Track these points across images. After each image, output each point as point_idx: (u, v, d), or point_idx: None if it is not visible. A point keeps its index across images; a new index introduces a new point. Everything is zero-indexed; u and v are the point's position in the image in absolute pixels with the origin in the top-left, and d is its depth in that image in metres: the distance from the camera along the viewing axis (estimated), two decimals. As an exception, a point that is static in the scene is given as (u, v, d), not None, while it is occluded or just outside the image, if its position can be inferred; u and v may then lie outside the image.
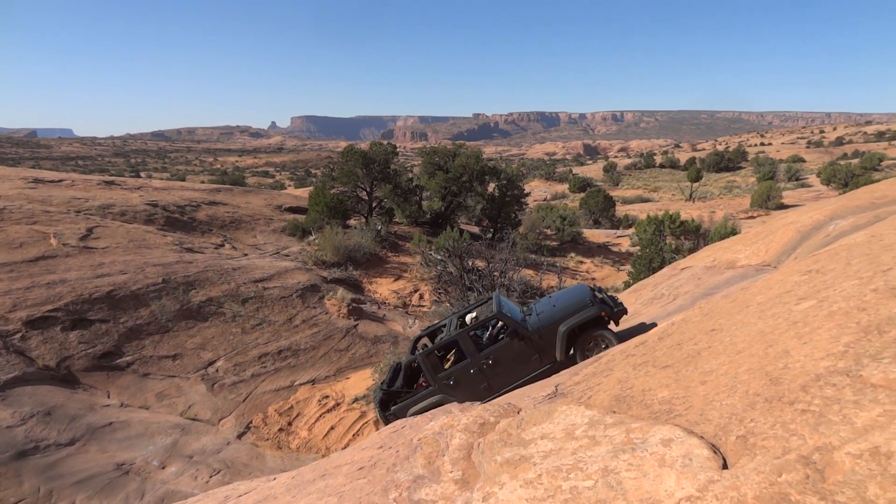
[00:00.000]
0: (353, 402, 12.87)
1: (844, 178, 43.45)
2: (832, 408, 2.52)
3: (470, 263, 20.35)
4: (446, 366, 8.62)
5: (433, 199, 30.99)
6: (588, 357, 7.96)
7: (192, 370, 13.15)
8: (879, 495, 1.94)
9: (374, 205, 28.40)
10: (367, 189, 28.14)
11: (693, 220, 24.76)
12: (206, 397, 12.41)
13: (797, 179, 53.72)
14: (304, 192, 35.56)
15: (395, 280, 21.34)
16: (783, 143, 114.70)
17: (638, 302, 13.08)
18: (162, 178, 67.89)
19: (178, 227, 22.19)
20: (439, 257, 20.61)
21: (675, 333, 5.49)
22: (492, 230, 30.22)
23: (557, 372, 7.88)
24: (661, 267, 18.00)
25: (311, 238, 23.39)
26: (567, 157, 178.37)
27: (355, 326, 16.27)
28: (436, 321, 13.45)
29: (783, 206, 37.00)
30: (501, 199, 30.27)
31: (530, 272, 23.34)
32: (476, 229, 30.86)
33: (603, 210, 40.23)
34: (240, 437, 11.47)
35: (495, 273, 19.71)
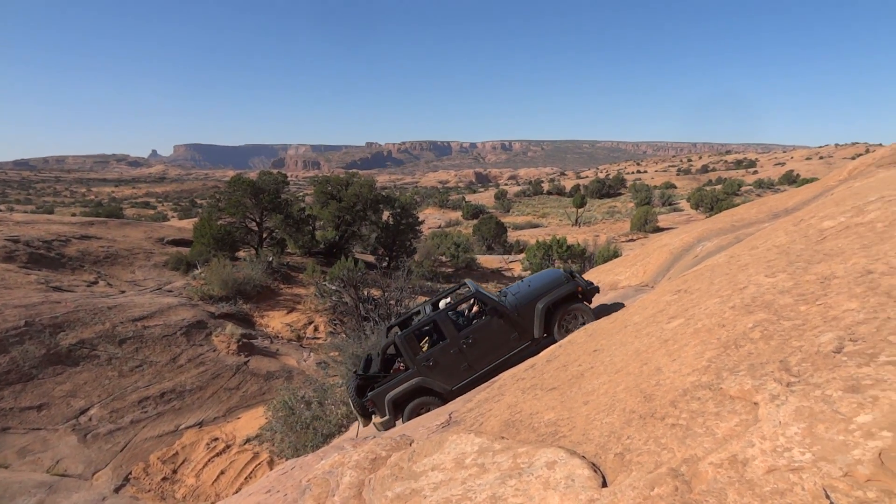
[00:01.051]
0: (245, 444, 12.26)
1: (710, 203, 47.38)
2: (697, 420, 2.71)
3: (365, 293, 20.15)
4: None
5: (327, 229, 30.54)
6: (568, 332, 8.05)
7: (60, 421, 12.00)
8: (737, 500, 2.10)
9: (264, 235, 27.55)
10: (257, 219, 27.28)
11: (579, 244, 26.01)
12: (78, 449, 11.34)
13: (670, 204, 57.96)
14: (188, 224, 33.89)
15: (288, 312, 20.71)
16: (657, 171, 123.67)
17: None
18: (25, 211, 62.21)
19: (44, 265, 20.38)
20: (334, 287, 20.26)
21: (561, 355, 5.70)
22: (387, 258, 30.16)
23: (535, 350, 8.01)
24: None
25: (197, 272, 22.27)
26: (460, 184, 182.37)
27: (246, 363, 15.59)
28: (365, 351, 13.09)
29: (659, 229, 39.71)
30: (396, 228, 30.35)
31: (426, 299, 23.44)
32: (371, 258, 30.70)
33: (495, 236, 41.29)
34: (117, 490, 10.56)
35: (391, 301, 19.63)
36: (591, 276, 14.49)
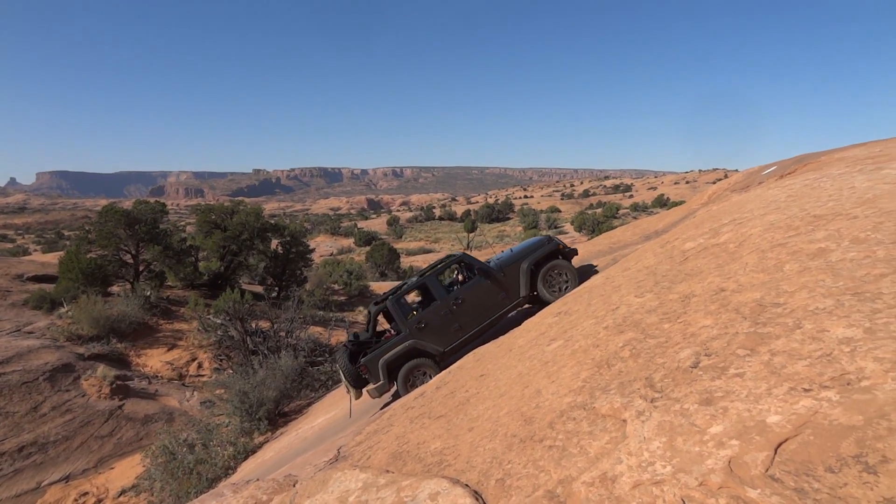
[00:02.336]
0: (120, 496, 11.30)
1: (592, 225, 50.17)
2: (572, 441, 2.80)
3: (253, 325, 19.34)
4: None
5: (210, 260, 29.13)
6: (553, 291, 8.44)
7: None
8: (608, 518, 2.18)
9: (141, 268, 25.81)
10: (133, 251, 25.53)
11: (470, 269, 26.46)
12: (-85, 520, 9.97)
13: (556, 227, 60.72)
14: (53, 258, 31.18)
15: (168, 350, 19.45)
16: (543, 196, 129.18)
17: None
18: None
19: None
20: (219, 321, 19.30)
21: (450, 382, 5.73)
22: (276, 289, 29.20)
23: (520, 307, 8.55)
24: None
25: (63, 310, 20.43)
26: (352, 211, 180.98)
27: (120, 407, 14.43)
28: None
29: (545, 252, 41.33)
30: (286, 257, 29.52)
31: (319, 329, 22.90)
32: (260, 289, 29.59)
33: (388, 262, 41.26)
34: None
35: (281, 333, 18.98)
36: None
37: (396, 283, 36.15)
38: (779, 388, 2.44)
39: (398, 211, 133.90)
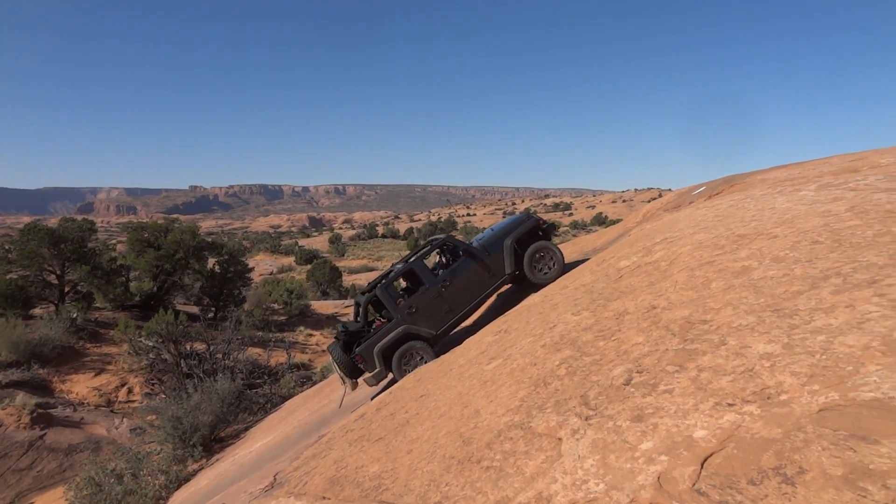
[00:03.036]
0: (39, 533, 10.60)
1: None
2: (509, 461, 2.81)
3: (188, 347, 18.66)
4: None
5: (143, 280, 28.03)
6: (541, 272, 8.67)
7: None
8: (543, 538, 2.19)
9: (66, 290, 24.57)
10: (58, 272, 24.29)
11: (413, 287, 26.42)
12: None
13: (497, 245, 61.35)
14: (-31, 279, 29.22)
15: (96, 375, 18.53)
16: (485, 214, 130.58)
17: (365, 371, 13.28)
18: None
19: None
20: (151, 344, 18.53)
21: (391, 402, 5.67)
22: (213, 309, 28.34)
23: (509, 284, 8.75)
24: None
25: (-21, 335, 19.19)
26: (293, 229, 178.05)
27: (42, 437, 13.61)
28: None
29: (488, 269, 41.71)
30: (223, 276, 28.73)
31: (258, 350, 22.34)
32: (195, 309, 28.64)
33: (330, 281, 40.74)
34: None
35: (218, 355, 18.38)
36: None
37: (343, 300, 35.68)
38: (705, 403, 2.52)
39: (340, 229, 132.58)
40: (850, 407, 2.12)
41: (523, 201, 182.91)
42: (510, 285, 9.66)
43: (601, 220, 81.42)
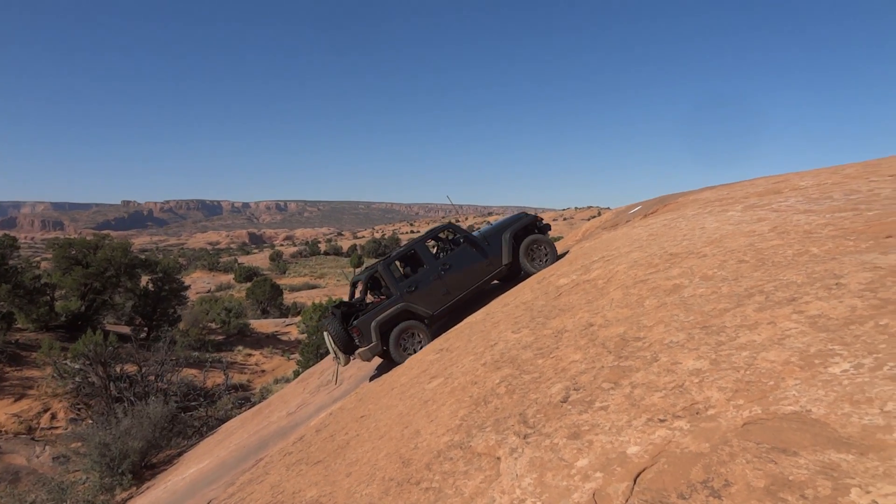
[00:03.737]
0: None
1: (475, 260, 51.44)
2: (448, 481, 2.80)
3: (118, 370, 17.85)
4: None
5: (70, 299, 26.67)
6: (535, 263, 8.99)
7: None
8: (481, 559, 2.18)
9: (-16, 310, 23.13)
10: (-26, 291, 22.86)
11: (355, 305, 26.14)
12: None
13: (441, 262, 61.59)
14: None
15: (16, 400, 17.45)
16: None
17: (306, 391, 13.03)
18: None
19: None
20: (77, 366, 17.61)
21: (331, 424, 5.57)
22: (146, 329, 27.23)
23: (504, 276, 9.33)
24: (327, 353, 18.41)
25: None
26: (232, 246, 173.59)
27: (-48, 469, 12.68)
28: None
29: (431, 287, 41.72)
30: (157, 294, 27.68)
31: (194, 371, 21.60)
32: (127, 329, 27.43)
33: (271, 299, 39.85)
34: None
35: (150, 377, 17.65)
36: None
37: (284, 318, 34.86)
38: (638, 419, 2.59)
39: (282, 246, 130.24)
40: (771, 420, 2.21)
41: (467, 218, 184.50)
42: (498, 282, 9.88)
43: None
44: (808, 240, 4.30)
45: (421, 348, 8.18)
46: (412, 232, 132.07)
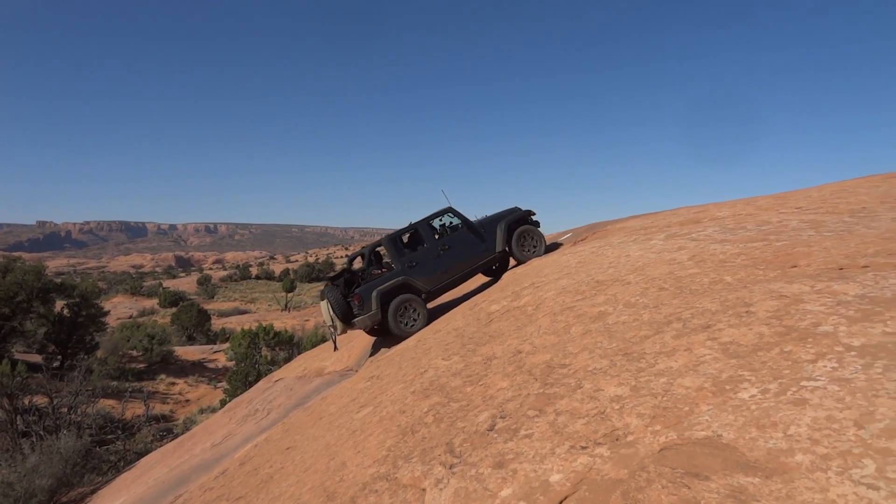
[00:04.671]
0: None
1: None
2: (373, 515, 2.74)
3: (27, 402, 16.68)
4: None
5: (-26, 326, 24.86)
6: (525, 252, 9.68)
7: None
8: None
9: None
10: None
11: (287, 331, 25.57)
12: None
13: (376, 287, 61.10)
14: None
15: None
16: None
17: (233, 421, 12.55)
18: None
19: None
20: (-20, 399, 16.34)
21: (255, 456, 5.38)
22: (60, 357, 25.64)
23: (499, 262, 10.03)
24: (257, 381, 17.86)
25: None
26: (157, 269, 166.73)
27: None
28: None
29: (366, 312, 41.27)
30: (73, 321, 26.17)
31: (112, 402, 20.46)
32: (38, 358, 25.76)
33: (197, 325, 38.38)
34: None
35: (63, 409, 16.56)
36: (299, 362, 14.25)
37: (212, 345, 33.57)
38: (561, 447, 2.63)
39: (211, 269, 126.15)
40: (685, 446, 2.29)
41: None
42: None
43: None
44: (723, 268, 4.52)
45: (417, 324, 8.71)
46: (347, 256, 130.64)
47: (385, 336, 10.08)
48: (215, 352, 32.20)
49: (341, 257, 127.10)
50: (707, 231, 6.75)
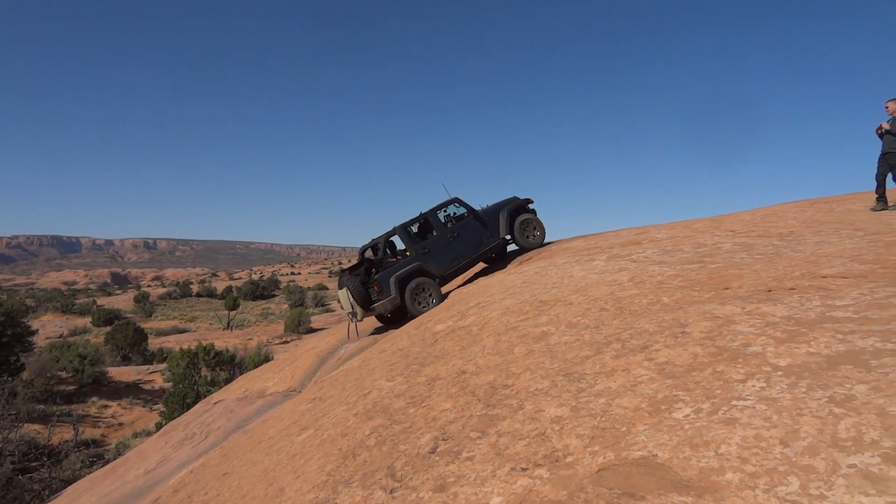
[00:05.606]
0: None
1: (359, 303, 50.71)
2: (311, 543, 2.67)
3: (-59, 428, 15.58)
4: None
5: None
6: (525, 238, 10.62)
7: None
8: None
9: None
10: None
11: (228, 350, 24.85)
12: None
13: (322, 305, 60.22)
14: None
15: None
16: (310, 273, 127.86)
17: (168, 445, 12.06)
18: None
19: None
20: None
21: (190, 483, 5.18)
22: (-19, 380, 24.16)
23: (504, 249, 11.16)
24: (195, 402, 17.26)
25: None
26: (91, 286, 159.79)
27: None
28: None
29: (313, 330, 40.60)
30: (-3, 340, 24.74)
31: (38, 427, 19.36)
32: (-44, 380, 24.20)
33: (133, 344, 36.83)
34: None
35: (-18, 436, 15.55)
36: (240, 383, 13.85)
37: (148, 365, 32.23)
38: (502, 469, 2.63)
39: (149, 286, 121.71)
40: (622, 466, 2.33)
41: (349, 260, 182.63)
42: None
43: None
44: (661, 290, 4.65)
45: (432, 305, 9.37)
46: (293, 273, 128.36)
47: (396, 324, 10.58)
48: (152, 372, 30.94)
49: (287, 274, 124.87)
50: (647, 253, 6.95)
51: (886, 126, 7.94)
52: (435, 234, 10.21)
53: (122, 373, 30.42)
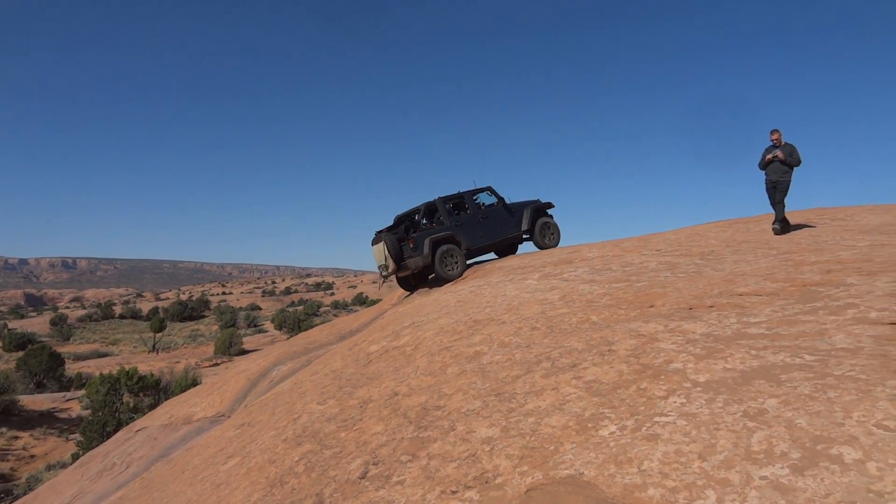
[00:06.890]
0: None
1: (293, 324, 49.64)
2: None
3: None
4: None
5: None
6: (543, 237, 11.72)
7: None
8: None
9: None
10: None
11: (153, 375, 23.74)
12: None
13: (255, 325, 58.57)
14: None
15: None
16: (242, 293, 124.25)
17: (85, 478, 11.38)
18: None
19: None
20: None
21: (107, 518, 4.89)
22: None
23: (516, 246, 12.31)
24: (116, 430, 16.36)
25: None
26: (2, 308, 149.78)
27: None
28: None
29: (244, 351, 39.35)
30: None
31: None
32: None
33: (48, 370, 34.63)
34: None
35: None
36: (165, 409, 13.24)
37: (65, 392, 30.34)
38: (432, 492, 2.60)
39: (67, 308, 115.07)
40: (550, 485, 2.35)
41: (283, 280, 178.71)
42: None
43: (362, 301, 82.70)
44: (590, 308, 4.77)
45: (457, 270, 10.59)
46: (224, 293, 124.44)
47: (420, 286, 11.90)
48: (68, 400, 29.13)
49: (218, 294, 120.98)
50: (577, 272, 7.12)
51: (781, 155, 8.12)
52: (468, 212, 11.38)
53: (36, 401, 28.51)
